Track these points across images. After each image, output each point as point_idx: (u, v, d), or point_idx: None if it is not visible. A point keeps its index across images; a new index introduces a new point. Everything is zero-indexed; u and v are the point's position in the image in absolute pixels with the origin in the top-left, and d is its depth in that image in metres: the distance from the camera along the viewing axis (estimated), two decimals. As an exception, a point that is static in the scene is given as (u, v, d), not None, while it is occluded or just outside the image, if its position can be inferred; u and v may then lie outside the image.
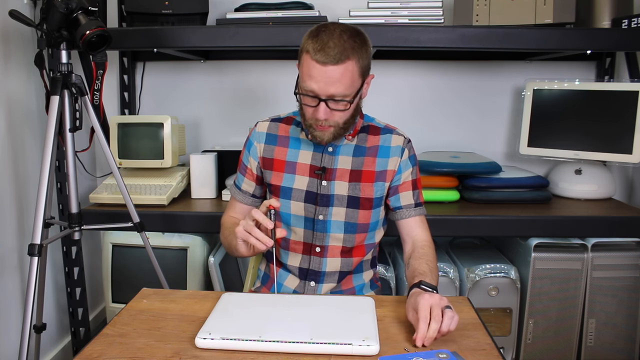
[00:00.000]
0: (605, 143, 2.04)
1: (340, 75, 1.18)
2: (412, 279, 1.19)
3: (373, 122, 1.41)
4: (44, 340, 1.96)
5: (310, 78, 1.20)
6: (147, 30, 1.91)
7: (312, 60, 1.18)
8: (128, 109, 2.41)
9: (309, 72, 1.19)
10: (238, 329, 0.98)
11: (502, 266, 1.99)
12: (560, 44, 1.84)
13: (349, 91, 1.21)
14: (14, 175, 1.87)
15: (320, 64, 1.17)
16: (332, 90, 1.19)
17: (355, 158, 1.36)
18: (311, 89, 1.20)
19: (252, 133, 1.43)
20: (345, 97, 1.21)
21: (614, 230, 1.88)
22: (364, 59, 1.22)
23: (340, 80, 1.18)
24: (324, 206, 1.35)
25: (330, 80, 1.18)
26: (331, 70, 1.17)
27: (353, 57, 1.19)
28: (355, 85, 1.22)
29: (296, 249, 1.39)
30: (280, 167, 1.38)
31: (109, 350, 0.96)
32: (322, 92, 1.20)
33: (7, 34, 1.82)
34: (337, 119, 1.25)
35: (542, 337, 1.99)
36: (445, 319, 0.97)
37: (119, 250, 2.11)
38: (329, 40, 1.17)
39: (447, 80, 2.37)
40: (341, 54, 1.17)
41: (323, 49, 1.17)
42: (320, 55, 1.17)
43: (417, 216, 1.38)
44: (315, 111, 1.23)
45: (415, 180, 1.39)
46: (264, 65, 2.38)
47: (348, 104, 1.23)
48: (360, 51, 1.21)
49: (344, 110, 1.23)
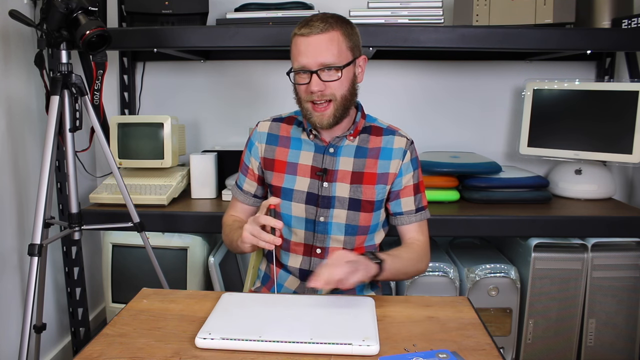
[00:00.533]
0: (605, 143, 2.04)
1: (326, 42, 1.22)
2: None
3: (375, 123, 1.40)
4: (44, 340, 1.96)
5: (299, 52, 1.24)
6: (147, 30, 1.91)
7: (298, 36, 1.24)
8: (128, 109, 2.41)
9: (297, 47, 1.24)
10: (238, 329, 0.98)
11: (502, 266, 1.99)
12: (560, 44, 1.84)
13: (337, 59, 1.24)
14: (14, 175, 1.87)
15: (305, 36, 1.23)
16: (320, 58, 1.22)
17: (356, 159, 1.35)
18: (301, 64, 1.24)
19: (254, 133, 1.43)
20: (335, 64, 1.23)
21: (614, 230, 1.88)
22: (351, 35, 1.27)
23: (327, 47, 1.22)
24: (325, 208, 1.34)
25: (317, 49, 1.22)
26: (316, 39, 1.22)
27: (338, 29, 1.24)
28: (344, 56, 1.25)
29: (297, 251, 1.39)
30: (281, 168, 1.38)
31: (109, 350, 0.96)
32: (311, 62, 1.23)
33: (7, 34, 1.82)
34: (333, 91, 1.25)
35: (542, 337, 1.99)
36: (337, 269, 1.08)
37: (119, 250, 2.11)
38: (313, 17, 1.25)
39: (447, 80, 2.37)
40: (324, 24, 1.23)
41: (307, 24, 1.24)
42: (305, 29, 1.23)
43: (417, 222, 1.38)
44: (308, 87, 1.25)
45: (417, 184, 1.38)
46: (264, 65, 2.38)
47: (339, 71, 1.24)
48: (345, 26, 1.26)
49: (336, 80, 1.24)
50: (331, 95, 1.26)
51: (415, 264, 1.33)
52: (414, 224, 1.37)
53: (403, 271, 1.30)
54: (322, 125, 1.29)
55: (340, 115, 1.29)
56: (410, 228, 1.38)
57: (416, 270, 1.36)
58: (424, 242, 1.37)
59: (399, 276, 1.32)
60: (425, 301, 1.18)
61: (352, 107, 1.34)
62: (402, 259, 1.29)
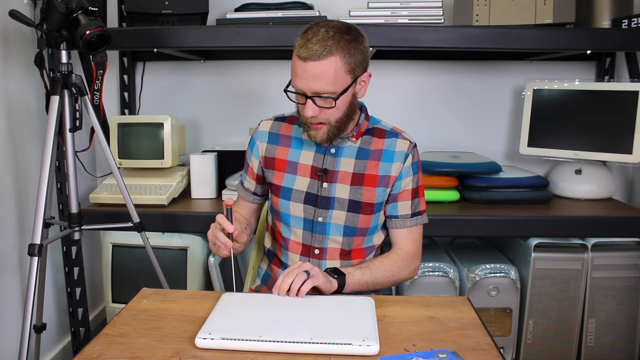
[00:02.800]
0: (605, 143, 2.04)
1: (322, 71, 1.17)
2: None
3: (379, 125, 1.39)
4: (44, 340, 1.96)
5: (295, 75, 1.21)
6: (147, 30, 1.91)
7: (295, 56, 1.20)
8: (128, 109, 2.41)
9: (294, 69, 1.21)
10: (238, 329, 0.98)
11: (502, 266, 1.99)
12: (560, 44, 1.84)
13: (333, 88, 1.19)
14: (14, 175, 1.87)
15: (302, 60, 1.18)
16: (314, 86, 1.19)
17: (358, 161, 1.34)
18: (297, 86, 1.22)
19: (256, 132, 1.43)
20: (330, 93, 1.20)
21: (614, 230, 1.88)
22: (352, 56, 1.20)
23: (322, 76, 1.18)
24: (324, 208, 1.33)
25: (312, 76, 1.18)
26: (312, 66, 1.17)
27: (337, 53, 1.17)
28: (341, 82, 1.20)
29: (295, 250, 1.38)
30: (281, 167, 1.37)
31: (109, 350, 0.96)
32: (306, 89, 1.20)
33: (7, 34, 1.82)
34: (327, 116, 1.24)
35: (542, 337, 1.99)
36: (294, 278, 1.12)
37: (119, 250, 2.11)
38: (313, 37, 1.18)
39: (447, 80, 2.37)
40: (322, 50, 1.16)
41: (305, 45, 1.17)
42: (303, 51, 1.17)
43: (411, 227, 1.37)
44: (303, 108, 1.23)
45: (415, 188, 1.37)
46: (264, 65, 2.39)
47: (333, 101, 1.21)
48: (347, 47, 1.18)
49: (330, 107, 1.22)
50: (325, 119, 1.24)
51: (394, 274, 1.32)
52: (405, 229, 1.37)
53: (376, 282, 1.29)
54: (316, 140, 1.28)
55: (335, 135, 1.28)
56: (400, 233, 1.37)
57: (396, 280, 1.34)
58: (410, 250, 1.36)
59: (372, 287, 1.30)
60: (425, 301, 1.17)
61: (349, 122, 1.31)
62: (376, 270, 1.29)
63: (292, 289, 1.12)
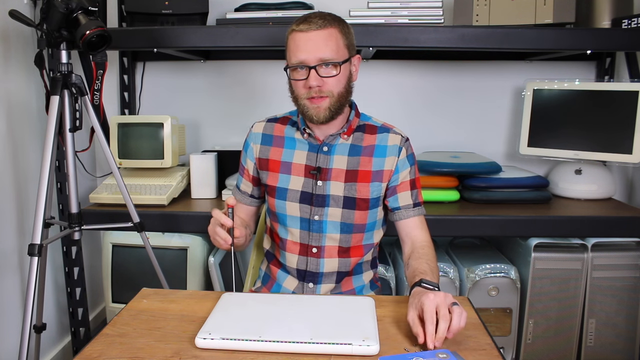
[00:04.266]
0: (605, 143, 2.04)
1: (325, 38, 1.24)
2: (413, 278, 1.19)
3: (369, 121, 1.40)
4: (44, 340, 1.96)
5: (297, 48, 1.25)
6: (147, 30, 1.91)
7: (296, 32, 1.25)
8: (128, 109, 2.41)
9: (294, 44, 1.26)
10: (238, 329, 0.98)
11: (502, 266, 1.99)
12: (560, 44, 1.84)
13: (336, 55, 1.25)
14: (14, 175, 1.87)
15: (305, 32, 1.24)
16: (319, 53, 1.24)
17: (351, 158, 1.35)
18: (299, 59, 1.25)
19: (249, 134, 1.44)
20: (334, 60, 1.24)
21: (614, 230, 1.88)
22: (348, 34, 1.29)
23: (326, 43, 1.24)
24: (320, 207, 1.34)
25: (316, 44, 1.23)
26: (315, 34, 1.24)
27: (336, 26, 1.26)
28: (342, 52, 1.27)
29: (293, 250, 1.38)
30: (275, 168, 1.38)
31: (109, 350, 0.96)
32: (310, 58, 1.24)
33: (7, 34, 1.82)
34: (330, 88, 1.27)
35: (542, 337, 1.99)
36: (454, 316, 0.94)
37: (119, 250, 2.12)
38: (311, 14, 1.27)
39: (447, 80, 2.37)
40: (323, 21, 1.25)
41: (306, 20, 1.25)
42: (304, 25, 1.24)
43: (416, 217, 1.36)
44: (306, 82, 1.25)
45: (413, 180, 1.37)
46: (264, 65, 2.39)
47: (338, 67, 1.25)
48: (342, 24, 1.29)
49: (334, 75, 1.26)
50: (328, 92, 1.27)
51: (437, 265, 1.29)
52: (413, 218, 1.36)
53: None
54: (319, 118, 1.28)
55: (336, 111, 1.30)
56: (410, 224, 1.36)
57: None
58: (429, 241, 1.35)
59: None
60: (425, 301, 1.17)
61: (346, 105, 1.34)
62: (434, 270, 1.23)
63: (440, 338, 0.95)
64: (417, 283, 1.13)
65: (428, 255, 1.28)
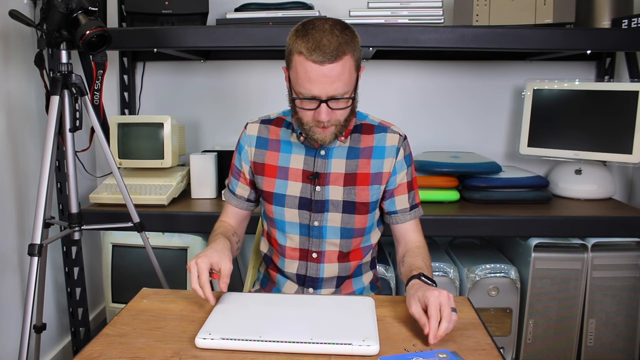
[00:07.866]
0: (605, 143, 2.04)
1: (339, 72, 1.13)
2: (410, 272, 1.18)
3: (366, 120, 1.35)
4: (44, 340, 1.96)
5: (309, 81, 1.13)
6: (147, 30, 1.91)
7: (308, 61, 1.12)
8: (128, 109, 2.41)
9: (306, 74, 1.13)
10: (238, 329, 0.98)
11: (502, 266, 1.99)
12: (560, 44, 1.84)
13: (348, 88, 1.16)
14: (14, 176, 1.87)
15: (318, 64, 1.11)
16: (332, 90, 1.14)
17: (349, 161, 1.31)
18: (311, 92, 1.14)
19: (242, 136, 1.38)
20: (346, 94, 1.16)
21: (614, 230, 1.88)
22: (357, 52, 1.17)
23: (339, 77, 1.13)
24: (319, 212, 1.31)
25: (329, 79, 1.12)
26: (329, 68, 1.11)
27: (348, 52, 1.14)
28: (353, 80, 1.17)
29: (292, 256, 1.36)
30: (272, 173, 1.34)
31: (109, 350, 0.96)
32: (322, 94, 1.14)
33: (7, 34, 1.83)
34: (339, 117, 1.20)
35: (542, 337, 1.99)
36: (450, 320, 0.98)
37: (119, 250, 2.12)
38: (322, 38, 1.12)
39: (447, 80, 2.37)
40: (338, 50, 1.11)
41: (319, 47, 1.11)
42: (317, 55, 1.11)
43: (412, 220, 1.36)
44: (316, 114, 1.17)
45: (410, 181, 1.35)
46: (264, 65, 2.39)
47: (349, 100, 1.18)
48: (353, 44, 1.15)
49: (345, 108, 1.19)
50: (336, 121, 1.20)
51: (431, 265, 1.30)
52: (409, 222, 1.35)
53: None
54: (324, 142, 1.23)
55: (341, 132, 1.24)
56: (407, 228, 1.35)
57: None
58: (424, 242, 1.35)
59: None
60: (425, 301, 1.17)
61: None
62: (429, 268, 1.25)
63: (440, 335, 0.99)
64: (416, 276, 1.13)
65: (423, 254, 1.28)
